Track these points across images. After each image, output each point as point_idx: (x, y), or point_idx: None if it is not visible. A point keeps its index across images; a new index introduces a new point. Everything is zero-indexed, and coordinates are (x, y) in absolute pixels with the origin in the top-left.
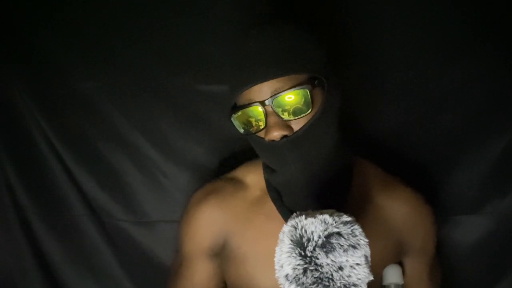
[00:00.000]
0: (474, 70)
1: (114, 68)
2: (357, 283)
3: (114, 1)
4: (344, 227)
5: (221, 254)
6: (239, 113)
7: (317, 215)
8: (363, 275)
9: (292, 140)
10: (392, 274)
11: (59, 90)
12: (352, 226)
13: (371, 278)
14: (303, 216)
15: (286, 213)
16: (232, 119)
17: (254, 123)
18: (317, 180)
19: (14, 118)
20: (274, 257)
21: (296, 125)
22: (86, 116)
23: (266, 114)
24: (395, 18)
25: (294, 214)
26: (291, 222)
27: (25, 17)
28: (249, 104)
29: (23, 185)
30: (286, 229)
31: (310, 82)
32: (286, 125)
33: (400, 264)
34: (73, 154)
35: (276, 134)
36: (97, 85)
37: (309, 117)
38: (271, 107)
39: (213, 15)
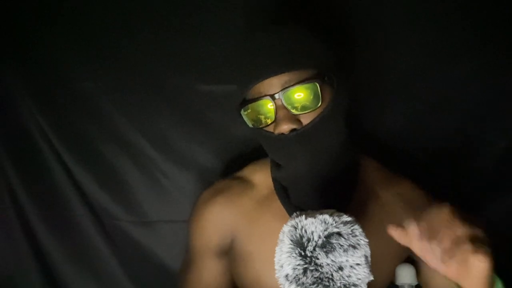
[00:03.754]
0: (476, 69)
1: (114, 68)
2: (357, 283)
3: (114, 1)
4: (344, 227)
5: (229, 252)
6: (249, 107)
7: (317, 215)
8: (363, 275)
9: (301, 134)
10: (406, 275)
11: (59, 90)
12: (352, 226)
13: (371, 278)
14: (303, 216)
15: (293, 210)
16: (241, 114)
17: (263, 117)
18: (324, 175)
19: (14, 118)
20: None
21: (305, 120)
22: (86, 116)
23: (275, 108)
24: (400, 19)
25: (294, 214)
26: (291, 222)
27: (25, 17)
28: (259, 98)
29: (23, 185)
30: (286, 229)
31: (320, 78)
32: (295, 118)
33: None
34: (73, 154)
35: (285, 128)
36: (97, 85)
37: (318, 112)
38: (281, 101)
39: (214, 15)
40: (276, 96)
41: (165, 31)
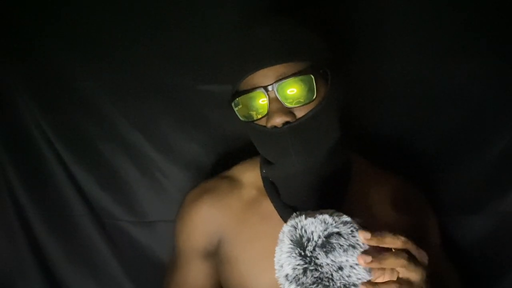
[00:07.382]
0: (475, 69)
1: (115, 67)
2: (357, 283)
3: (114, 1)
4: (344, 227)
5: (216, 254)
6: (241, 99)
7: (317, 215)
8: (362, 275)
9: (295, 127)
10: None
11: (59, 89)
12: (351, 226)
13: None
14: (303, 216)
15: (284, 209)
16: (233, 106)
17: (255, 110)
18: (317, 174)
19: (14, 118)
20: (268, 258)
21: (299, 113)
22: (86, 116)
23: (268, 101)
24: (398, 18)
25: (294, 214)
26: (291, 222)
27: (25, 17)
28: (252, 89)
29: (23, 185)
30: (286, 229)
31: (315, 70)
32: (289, 111)
33: None
34: (73, 154)
35: (278, 120)
36: (97, 85)
37: (312, 105)
38: (275, 93)
39: (214, 15)
40: (270, 88)
41: (165, 31)
